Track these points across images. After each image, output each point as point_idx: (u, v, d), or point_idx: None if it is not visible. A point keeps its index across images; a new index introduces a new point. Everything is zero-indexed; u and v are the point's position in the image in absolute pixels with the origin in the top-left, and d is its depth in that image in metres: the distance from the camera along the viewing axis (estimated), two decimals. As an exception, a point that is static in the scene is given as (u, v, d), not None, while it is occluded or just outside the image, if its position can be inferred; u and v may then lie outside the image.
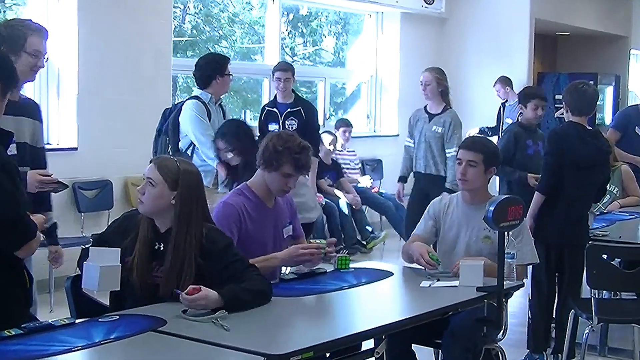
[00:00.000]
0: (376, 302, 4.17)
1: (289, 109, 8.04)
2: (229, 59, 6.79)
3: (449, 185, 7.16)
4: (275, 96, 8.21)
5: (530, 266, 5.01)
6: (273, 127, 7.89)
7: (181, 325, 3.38)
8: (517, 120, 7.64)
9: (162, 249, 3.79)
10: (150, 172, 3.80)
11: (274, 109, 8.07)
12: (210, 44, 10.83)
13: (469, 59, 12.65)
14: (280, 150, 4.34)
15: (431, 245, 4.81)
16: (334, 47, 12.73)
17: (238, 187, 4.57)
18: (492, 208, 3.92)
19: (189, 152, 6.48)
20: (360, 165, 10.80)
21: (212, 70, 6.62)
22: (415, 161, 7.70)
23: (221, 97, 6.83)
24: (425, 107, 7.67)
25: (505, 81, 11.58)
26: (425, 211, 4.99)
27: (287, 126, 7.95)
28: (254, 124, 10.29)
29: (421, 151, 7.59)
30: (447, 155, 7.40)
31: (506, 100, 11.42)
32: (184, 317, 3.46)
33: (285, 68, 8.12)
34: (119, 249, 3.66)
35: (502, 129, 10.97)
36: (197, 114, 6.43)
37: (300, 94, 8.51)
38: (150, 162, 3.86)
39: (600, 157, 5.66)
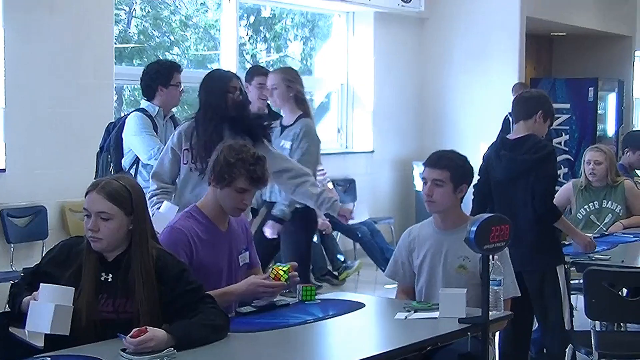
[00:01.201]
0: (346, 337, 4.17)
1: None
2: (178, 67, 6.79)
3: (278, 213, 6.61)
4: None
5: None
6: None
7: (121, 366, 3.38)
8: None
9: (110, 279, 3.80)
10: (100, 205, 3.77)
11: None
12: (160, 51, 10.83)
13: (452, 64, 12.73)
14: (233, 163, 4.36)
15: None
16: (301, 54, 12.78)
17: (186, 209, 4.58)
18: (474, 228, 3.95)
19: (132, 170, 6.49)
20: (330, 185, 10.80)
21: (155, 80, 6.63)
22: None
23: (172, 110, 6.84)
24: (281, 119, 6.93)
25: (526, 87, 11.61)
26: (394, 255, 5.08)
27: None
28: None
29: None
30: None
31: None
32: (124, 357, 3.45)
33: (265, 72, 8.05)
34: (72, 288, 3.66)
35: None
36: (140, 127, 6.44)
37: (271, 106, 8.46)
38: (89, 192, 3.81)
39: (516, 168, 5.68)
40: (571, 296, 5.97)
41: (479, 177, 5.94)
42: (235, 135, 5.53)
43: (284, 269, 4.43)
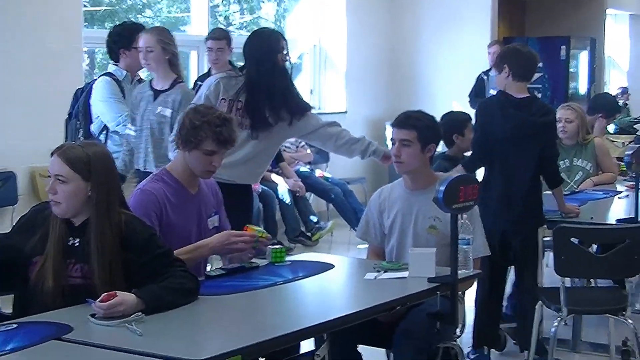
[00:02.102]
0: (315, 298, 4.20)
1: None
2: (142, 27, 6.72)
3: None
4: (209, 70, 8.15)
5: None
6: None
7: (89, 332, 3.37)
8: None
9: (77, 244, 3.79)
10: (58, 168, 3.77)
11: None
12: (132, 14, 10.75)
13: (425, 24, 12.71)
14: (199, 125, 4.35)
15: None
16: (274, 15, 12.70)
17: (156, 172, 4.57)
18: (442, 188, 3.95)
19: (102, 137, 6.46)
20: (303, 146, 10.77)
21: (117, 43, 6.58)
22: (135, 155, 6.40)
23: (139, 73, 6.79)
24: (150, 81, 6.51)
25: (502, 45, 11.55)
26: (364, 216, 5.08)
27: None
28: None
29: (142, 142, 6.32)
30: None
31: (490, 69, 11.41)
32: (93, 322, 3.45)
33: (217, 36, 8.05)
34: None
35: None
36: (107, 93, 6.40)
37: (236, 67, 8.42)
38: (52, 154, 3.81)
39: (526, 129, 5.67)
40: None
41: (476, 132, 5.91)
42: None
43: (257, 228, 4.44)
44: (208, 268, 4.71)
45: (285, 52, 5.70)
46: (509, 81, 5.76)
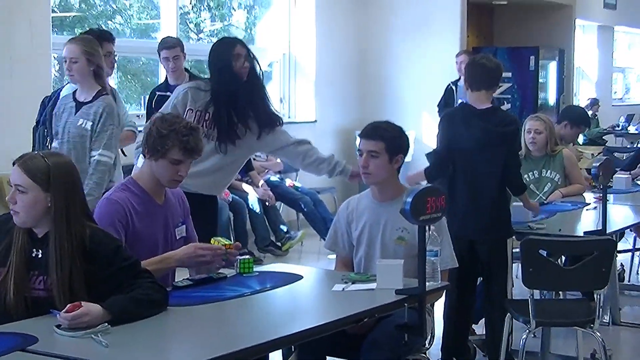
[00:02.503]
0: (282, 309, 4.18)
1: None
2: (109, 35, 6.71)
3: None
4: (167, 78, 8.14)
5: None
6: None
7: (55, 343, 3.35)
8: None
9: (40, 256, 3.77)
10: (17, 178, 3.75)
11: (167, 93, 7.95)
12: (102, 20, 10.69)
13: (394, 33, 12.73)
14: (166, 134, 4.33)
15: None
16: (245, 23, 12.70)
17: (122, 181, 4.55)
18: (409, 199, 3.95)
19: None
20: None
21: None
22: None
23: (108, 80, 6.75)
24: (74, 92, 6.22)
25: (470, 54, 11.58)
26: (332, 226, 5.08)
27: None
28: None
29: None
30: (92, 159, 5.96)
31: (459, 79, 11.44)
32: (59, 333, 3.43)
33: (171, 45, 8.09)
34: None
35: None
36: None
37: (194, 73, 8.42)
38: (14, 163, 3.80)
39: (488, 139, 5.69)
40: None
41: (439, 144, 5.93)
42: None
43: (225, 241, 4.43)
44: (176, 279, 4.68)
45: (242, 59, 5.64)
46: (468, 92, 5.80)
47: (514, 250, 5.84)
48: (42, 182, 3.73)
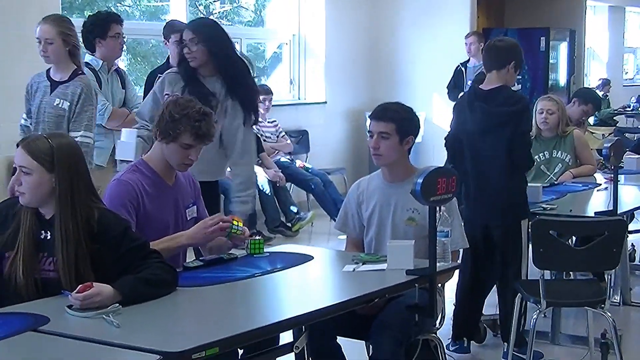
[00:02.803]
0: (293, 290, 4.19)
1: None
2: (117, 17, 6.69)
3: None
4: (168, 61, 8.05)
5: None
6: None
7: (66, 323, 3.36)
8: None
9: (49, 237, 3.78)
10: (22, 159, 3.76)
11: None
12: (111, 2, 10.69)
13: (404, 13, 12.69)
14: (178, 119, 4.34)
15: None
16: (254, 4, 12.67)
17: (133, 162, 4.55)
18: (420, 180, 3.95)
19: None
20: (283, 135, 10.75)
21: (92, 32, 6.54)
22: None
23: (117, 62, 6.76)
24: (47, 70, 6.12)
25: (481, 37, 11.58)
26: (342, 207, 5.08)
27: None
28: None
29: None
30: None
31: (468, 60, 11.42)
32: (70, 313, 3.44)
33: (180, 29, 7.95)
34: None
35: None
36: None
37: None
38: (18, 145, 3.82)
39: (490, 120, 5.67)
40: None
41: (450, 129, 5.94)
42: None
43: (236, 217, 4.44)
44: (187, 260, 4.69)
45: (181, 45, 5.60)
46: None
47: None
48: (46, 163, 3.73)
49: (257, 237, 4.61)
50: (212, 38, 5.59)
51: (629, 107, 17.26)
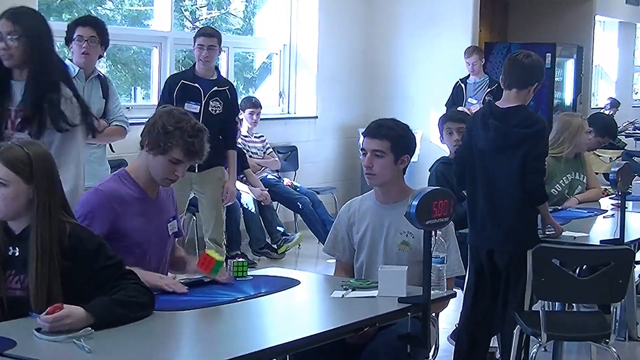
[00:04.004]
0: (278, 316, 4.19)
1: (215, 87, 8.07)
2: (83, 20, 6.69)
3: None
4: (194, 68, 8.16)
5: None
6: (192, 107, 7.81)
7: (34, 347, 3.35)
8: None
9: (17, 254, 3.76)
10: None
11: (195, 85, 8.03)
12: (91, 6, 10.69)
13: (402, 25, 12.70)
14: (171, 131, 4.35)
15: None
16: (243, 11, 12.69)
17: (115, 172, 4.56)
18: (415, 202, 3.94)
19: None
20: (270, 151, 10.74)
21: (66, 38, 6.58)
22: None
23: (97, 69, 6.74)
24: None
25: (481, 53, 11.61)
26: (332, 229, 5.08)
27: (210, 109, 8.01)
28: (146, 102, 10.19)
29: None
30: None
31: (468, 76, 11.45)
32: (38, 337, 3.42)
33: (210, 33, 8.19)
34: None
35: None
36: None
37: (221, 73, 8.53)
38: None
39: (504, 140, 5.66)
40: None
41: (461, 147, 5.93)
42: None
43: (216, 256, 4.42)
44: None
45: None
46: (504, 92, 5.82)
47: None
48: (23, 174, 3.71)
49: (241, 260, 4.61)
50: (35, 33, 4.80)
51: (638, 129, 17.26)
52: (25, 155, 3.74)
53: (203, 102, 7.98)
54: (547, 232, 5.90)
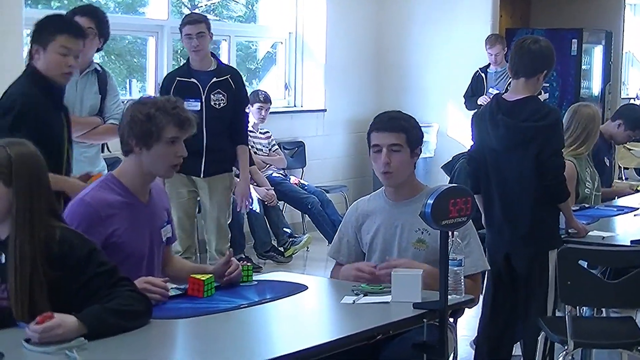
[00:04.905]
0: (285, 324, 4.20)
1: (214, 79, 7.81)
2: (80, 9, 6.65)
3: None
4: (188, 62, 8.03)
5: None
6: (193, 105, 7.54)
7: (22, 359, 3.36)
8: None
9: (3, 261, 3.75)
10: None
11: (192, 80, 7.83)
12: (83, -7, 10.69)
13: (416, 11, 12.72)
14: (153, 113, 4.36)
15: None
16: (246, -2, 12.72)
17: (101, 178, 4.57)
18: (430, 201, 3.94)
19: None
20: (275, 148, 10.76)
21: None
22: None
23: (93, 62, 6.73)
24: None
25: (504, 42, 11.60)
26: (338, 231, 5.11)
27: (213, 103, 7.73)
28: (142, 95, 10.15)
29: None
30: None
31: (488, 65, 11.44)
32: (27, 348, 3.43)
33: (195, 19, 7.91)
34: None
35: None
36: None
37: (220, 59, 8.34)
38: None
39: (514, 136, 5.69)
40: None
41: (472, 147, 5.94)
42: None
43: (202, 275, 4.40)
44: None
45: None
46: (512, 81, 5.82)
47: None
48: (3, 176, 3.71)
49: (245, 263, 4.62)
50: None
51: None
52: (6, 156, 3.73)
53: (203, 97, 7.72)
54: (570, 232, 5.91)
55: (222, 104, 7.77)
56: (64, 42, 5.25)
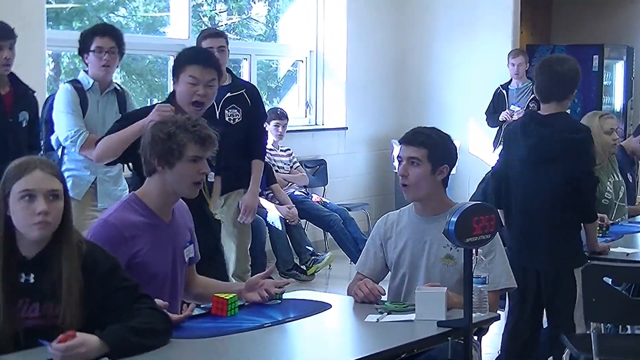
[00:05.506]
0: (308, 343, 4.19)
1: (228, 94, 7.66)
2: (102, 29, 6.71)
3: None
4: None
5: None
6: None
7: (46, 379, 3.35)
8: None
9: (32, 281, 3.73)
10: (50, 182, 3.70)
11: None
12: (103, 12, 10.72)
13: (437, 29, 12.71)
14: (174, 132, 4.35)
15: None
16: (266, 17, 12.72)
17: (124, 198, 4.55)
18: (454, 219, 3.94)
19: (60, 151, 6.48)
20: (297, 166, 10.75)
21: (79, 47, 6.61)
22: None
23: (115, 82, 6.76)
24: None
25: (526, 55, 11.57)
26: (366, 245, 5.07)
27: (227, 119, 7.57)
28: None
29: None
30: None
31: (510, 82, 11.41)
32: (51, 369, 3.42)
33: (216, 33, 7.91)
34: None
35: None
36: (63, 103, 6.40)
37: (236, 73, 8.30)
38: (35, 168, 3.71)
39: (548, 147, 5.66)
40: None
41: (498, 162, 5.92)
42: None
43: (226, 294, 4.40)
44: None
45: None
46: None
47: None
48: (59, 192, 3.74)
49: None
50: None
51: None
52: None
53: (217, 112, 7.49)
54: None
55: (237, 119, 7.59)
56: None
